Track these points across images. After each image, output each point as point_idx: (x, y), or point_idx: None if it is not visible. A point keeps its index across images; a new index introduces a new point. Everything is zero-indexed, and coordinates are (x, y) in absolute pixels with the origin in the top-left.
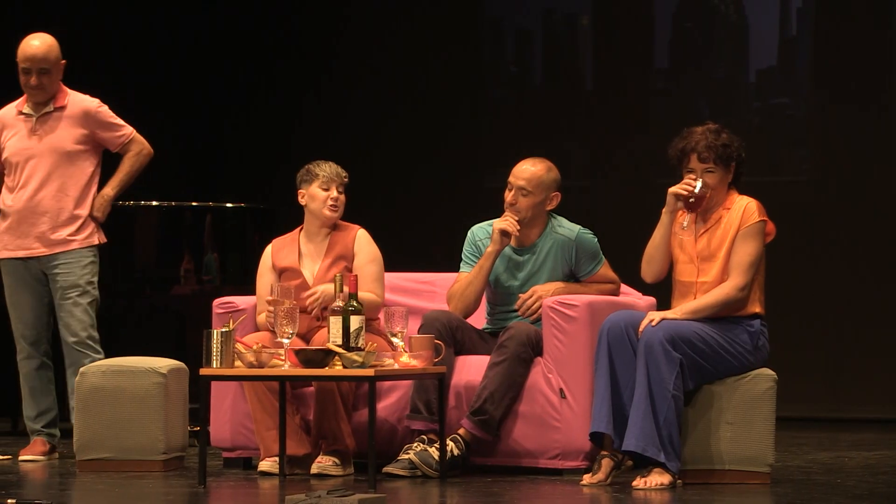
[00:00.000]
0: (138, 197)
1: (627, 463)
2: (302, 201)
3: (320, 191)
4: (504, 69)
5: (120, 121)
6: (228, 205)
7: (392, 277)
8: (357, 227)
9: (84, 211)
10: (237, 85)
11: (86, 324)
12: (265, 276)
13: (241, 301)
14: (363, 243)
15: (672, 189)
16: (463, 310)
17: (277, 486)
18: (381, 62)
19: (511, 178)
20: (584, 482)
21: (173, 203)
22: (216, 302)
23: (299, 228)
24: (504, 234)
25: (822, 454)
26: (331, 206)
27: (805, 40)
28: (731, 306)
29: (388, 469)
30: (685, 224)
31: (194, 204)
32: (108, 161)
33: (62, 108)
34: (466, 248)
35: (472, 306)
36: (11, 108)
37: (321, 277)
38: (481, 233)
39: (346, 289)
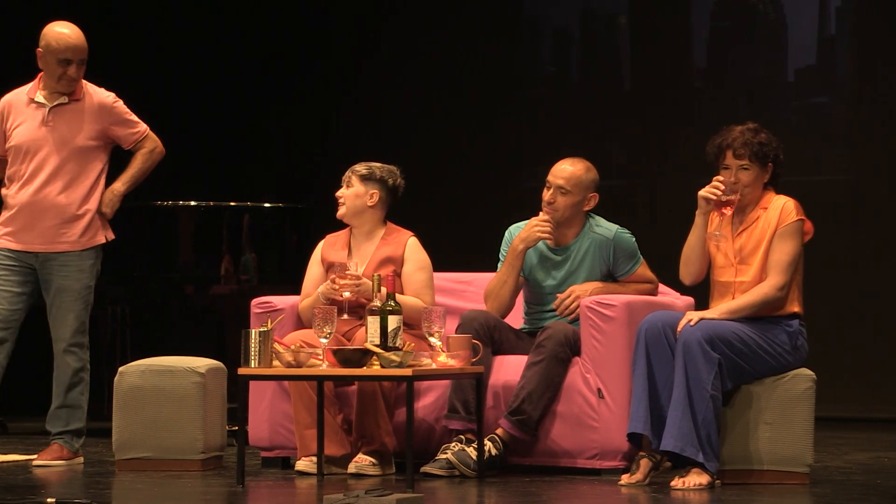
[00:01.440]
0: (177, 197)
1: (666, 464)
2: None
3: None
4: (542, 69)
5: (134, 117)
6: (266, 205)
7: None
8: (409, 233)
9: (90, 208)
10: (276, 84)
11: (74, 329)
12: (313, 268)
13: (279, 301)
14: (413, 251)
15: (701, 192)
16: (498, 309)
17: (315, 486)
18: (420, 62)
19: (550, 178)
20: (622, 482)
21: (212, 203)
22: (254, 302)
23: (350, 227)
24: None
25: (862, 454)
26: (338, 204)
27: (844, 39)
28: (769, 305)
29: (426, 469)
30: (718, 233)
31: (233, 204)
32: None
33: (78, 100)
34: (504, 247)
35: (507, 305)
36: (21, 94)
37: (366, 275)
38: (518, 231)
39: (383, 289)
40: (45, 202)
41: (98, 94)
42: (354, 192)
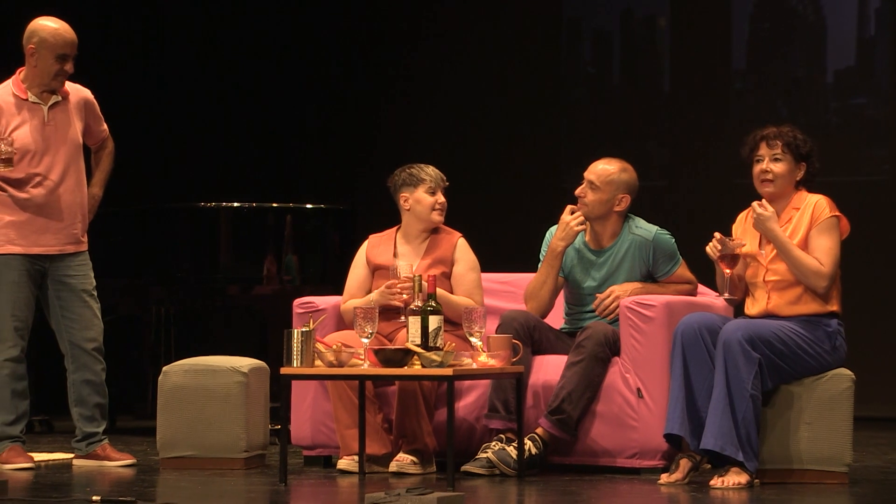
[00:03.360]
0: (220, 198)
1: (706, 465)
2: (405, 205)
3: (427, 195)
4: (582, 70)
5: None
6: (308, 206)
7: None
8: (458, 233)
9: (86, 207)
10: (320, 87)
11: (101, 329)
12: (357, 270)
13: (321, 301)
14: (463, 251)
15: (707, 248)
16: (538, 309)
17: (357, 484)
18: (462, 64)
19: (585, 173)
20: (661, 481)
21: (254, 204)
22: (297, 302)
23: (396, 228)
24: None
25: None
26: (438, 210)
27: (883, 40)
28: (807, 283)
29: (467, 467)
30: (726, 294)
31: (275, 205)
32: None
33: (66, 97)
34: (544, 248)
35: (546, 305)
36: (6, 94)
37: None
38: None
39: (425, 284)
40: (62, 202)
41: (79, 90)
42: (445, 200)
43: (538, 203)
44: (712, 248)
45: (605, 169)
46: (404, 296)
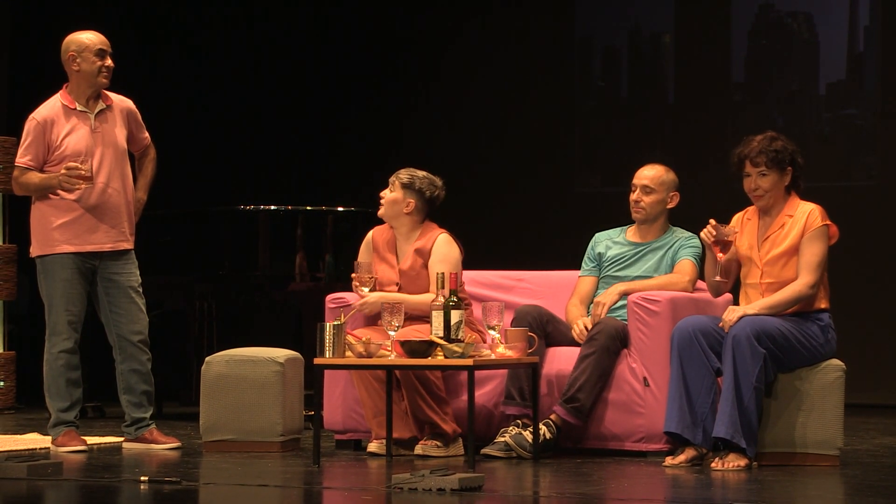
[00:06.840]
0: (258, 202)
1: (708, 458)
2: None
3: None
4: (593, 84)
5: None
6: (340, 209)
7: (488, 274)
8: (441, 230)
9: (132, 210)
10: (351, 100)
11: (147, 322)
12: (364, 256)
13: (351, 297)
14: (440, 246)
15: (701, 234)
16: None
17: (385, 466)
18: (483, 78)
19: (634, 181)
20: (666, 463)
21: (290, 207)
22: (329, 298)
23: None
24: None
25: (889, 438)
26: (382, 205)
27: (871, 56)
28: (801, 302)
29: (486, 451)
30: (717, 277)
31: (309, 208)
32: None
33: (111, 106)
34: (587, 253)
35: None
36: (56, 106)
37: (403, 269)
38: (602, 236)
39: (447, 286)
40: (111, 202)
41: (122, 100)
42: (393, 198)
43: (552, 205)
44: (707, 234)
45: (655, 173)
46: (363, 290)
